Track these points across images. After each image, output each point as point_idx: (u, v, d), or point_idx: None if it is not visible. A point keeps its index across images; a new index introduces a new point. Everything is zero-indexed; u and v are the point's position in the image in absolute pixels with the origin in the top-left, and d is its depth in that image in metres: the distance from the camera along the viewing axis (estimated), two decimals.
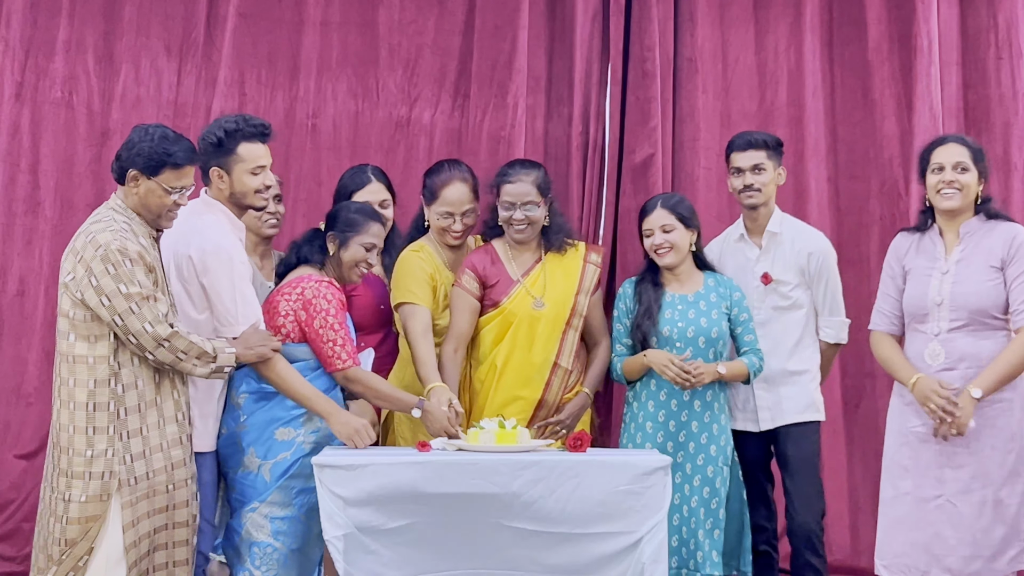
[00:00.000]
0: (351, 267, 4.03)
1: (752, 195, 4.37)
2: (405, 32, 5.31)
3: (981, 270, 3.92)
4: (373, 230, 4.04)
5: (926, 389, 3.86)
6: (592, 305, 4.36)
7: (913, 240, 4.10)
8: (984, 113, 5.21)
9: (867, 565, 4.77)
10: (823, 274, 4.38)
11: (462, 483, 3.63)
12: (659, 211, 4.28)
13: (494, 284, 4.29)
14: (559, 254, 4.35)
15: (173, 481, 3.64)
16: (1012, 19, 5.17)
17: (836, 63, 5.31)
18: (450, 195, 4.34)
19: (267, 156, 3.89)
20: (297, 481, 3.88)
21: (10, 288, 5.11)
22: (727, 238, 4.55)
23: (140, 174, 3.61)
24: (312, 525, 3.84)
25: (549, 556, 3.65)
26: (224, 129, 3.82)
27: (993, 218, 3.99)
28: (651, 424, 4.25)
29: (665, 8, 5.21)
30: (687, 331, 4.25)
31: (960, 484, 3.87)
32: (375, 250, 4.04)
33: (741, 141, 4.43)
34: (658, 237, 4.27)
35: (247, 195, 3.86)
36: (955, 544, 3.86)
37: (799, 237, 4.42)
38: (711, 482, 4.19)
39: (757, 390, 4.34)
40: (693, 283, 4.34)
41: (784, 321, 4.36)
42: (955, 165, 3.95)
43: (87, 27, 5.19)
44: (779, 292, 4.36)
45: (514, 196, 4.26)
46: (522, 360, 4.26)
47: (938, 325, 3.94)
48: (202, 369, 3.63)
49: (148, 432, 3.59)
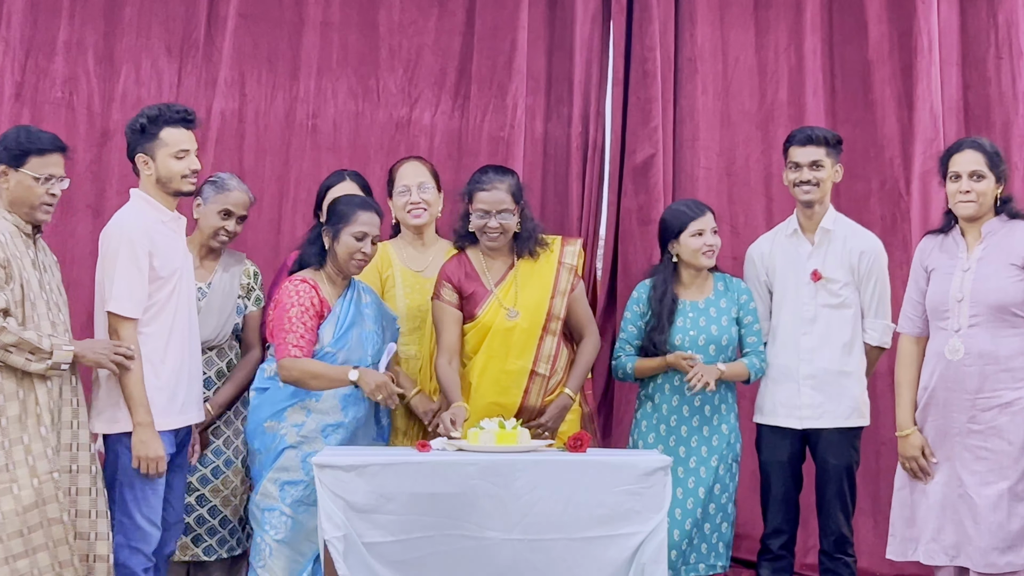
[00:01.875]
0: (347, 259, 4.04)
1: (809, 191, 4.36)
2: (405, 33, 5.30)
3: (1002, 268, 3.96)
4: (362, 219, 4.04)
5: (910, 449, 4.07)
6: (573, 301, 4.29)
7: (937, 241, 4.14)
8: (984, 113, 5.21)
9: (866, 565, 4.78)
10: (873, 274, 4.38)
11: (462, 483, 3.63)
12: (709, 214, 4.34)
13: (469, 295, 4.25)
14: (532, 260, 4.29)
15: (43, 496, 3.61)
16: (1012, 19, 5.16)
17: (836, 63, 5.31)
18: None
19: (190, 142, 3.94)
20: (282, 474, 3.95)
21: None
22: (778, 233, 4.54)
23: (8, 167, 3.72)
24: (302, 520, 3.91)
25: (549, 555, 3.65)
26: (147, 116, 3.91)
27: (1015, 218, 4.03)
28: (664, 426, 4.30)
29: (666, 8, 5.21)
30: (699, 339, 4.29)
31: (978, 477, 3.92)
32: (368, 239, 4.04)
33: (801, 136, 4.42)
34: (710, 238, 4.31)
35: (173, 179, 3.91)
36: (973, 535, 3.90)
37: (852, 236, 4.42)
38: (722, 479, 4.28)
39: (803, 387, 4.33)
40: (705, 288, 4.38)
41: (832, 320, 4.35)
42: (971, 174, 4.00)
43: (87, 27, 5.18)
44: (828, 290, 4.35)
45: (489, 204, 4.18)
46: (498, 369, 4.22)
47: (958, 321, 3.97)
48: (36, 365, 3.63)
49: (11, 447, 3.60)
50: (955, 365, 3.95)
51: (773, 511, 4.41)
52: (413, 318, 4.37)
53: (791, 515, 4.43)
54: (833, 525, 4.36)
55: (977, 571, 3.90)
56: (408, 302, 4.38)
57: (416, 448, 3.84)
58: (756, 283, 4.49)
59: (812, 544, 4.80)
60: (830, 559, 4.38)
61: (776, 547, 4.40)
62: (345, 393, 4.01)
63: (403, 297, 4.38)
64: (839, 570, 4.36)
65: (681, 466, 4.21)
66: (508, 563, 3.65)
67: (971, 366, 3.92)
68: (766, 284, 4.48)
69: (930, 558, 4.03)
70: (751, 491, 4.63)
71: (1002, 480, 3.88)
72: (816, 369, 4.32)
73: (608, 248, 5.16)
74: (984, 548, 3.88)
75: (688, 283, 4.37)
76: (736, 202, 5.26)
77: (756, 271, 4.50)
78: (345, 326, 4.04)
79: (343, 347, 4.02)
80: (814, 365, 4.32)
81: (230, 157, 5.18)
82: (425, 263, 4.44)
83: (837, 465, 4.35)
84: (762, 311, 4.45)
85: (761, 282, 4.49)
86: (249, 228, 4.69)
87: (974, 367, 3.92)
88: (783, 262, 4.44)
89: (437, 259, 4.41)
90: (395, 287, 4.39)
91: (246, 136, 5.22)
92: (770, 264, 4.46)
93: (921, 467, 4.03)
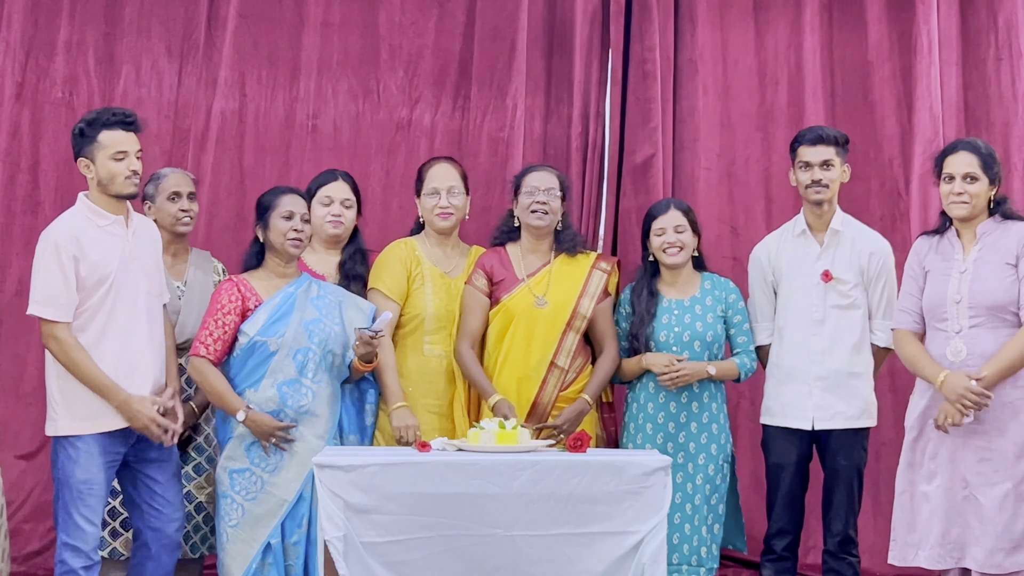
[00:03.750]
0: (282, 242, 4.11)
1: (820, 191, 4.36)
2: (406, 33, 5.31)
3: (997, 268, 3.96)
4: (285, 200, 4.15)
5: (958, 387, 3.87)
6: (599, 311, 4.38)
7: (932, 242, 4.14)
8: (984, 113, 5.21)
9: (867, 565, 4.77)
10: (882, 275, 4.38)
11: (462, 483, 3.63)
12: (673, 211, 4.36)
13: (500, 281, 4.35)
14: (569, 257, 4.40)
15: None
16: (1012, 19, 5.17)
17: (836, 63, 5.31)
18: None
19: (130, 143, 3.94)
20: (229, 462, 4.08)
21: (9, 288, 5.11)
22: (784, 233, 4.52)
23: None
24: (249, 507, 3.99)
25: (548, 555, 3.65)
26: (86, 120, 3.95)
27: (1009, 218, 4.03)
28: (651, 425, 4.30)
29: (665, 9, 5.21)
30: (683, 335, 4.29)
31: (982, 478, 3.91)
32: (296, 217, 4.13)
33: (811, 136, 4.41)
34: (670, 236, 4.32)
35: (112, 181, 3.92)
36: (979, 535, 3.89)
37: (860, 237, 4.42)
38: (712, 480, 4.27)
39: (814, 389, 4.32)
40: (690, 287, 4.38)
41: (842, 320, 4.34)
42: (964, 176, 4.00)
43: (88, 28, 5.19)
44: (838, 291, 4.35)
45: (539, 182, 4.36)
46: (519, 358, 4.30)
47: (958, 323, 3.97)
48: None
49: None
50: (958, 366, 3.95)
51: (779, 512, 4.41)
52: (440, 318, 4.39)
53: (797, 516, 4.43)
54: (839, 525, 4.36)
55: (982, 572, 3.88)
56: (436, 302, 4.39)
57: (416, 448, 3.84)
58: (762, 283, 4.48)
59: (812, 544, 4.80)
60: (834, 559, 4.37)
61: (780, 548, 4.39)
62: (280, 382, 4.05)
63: (432, 297, 4.40)
64: (843, 570, 4.35)
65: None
66: (508, 563, 3.65)
67: (974, 367, 3.92)
68: (772, 284, 4.48)
69: (934, 563, 4.01)
70: (753, 492, 4.63)
71: (1006, 480, 3.87)
72: (826, 370, 4.32)
73: (607, 248, 5.16)
74: (990, 549, 3.86)
75: (671, 281, 4.39)
76: (736, 202, 5.26)
77: (762, 271, 4.49)
78: (277, 316, 4.08)
79: (274, 336, 4.06)
80: (824, 366, 4.32)
81: (230, 157, 5.19)
82: (452, 264, 4.48)
83: (848, 466, 4.34)
84: (767, 311, 4.45)
85: (767, 282, 4.48)
86: (250, 228, 4.68)
87: (976, 367, 3.91)
88: (790, 263, 4.43)
89: (461, 262, 4.50)
90: (424, 286, 4.40)
91: (246, 136, 5.23)
92: (776, 264, 4.45)
93: (978, 399, 3.83)
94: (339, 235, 4.46)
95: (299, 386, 4.05)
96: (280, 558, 3.99)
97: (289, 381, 4.04)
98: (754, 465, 4.64)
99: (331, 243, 4.48)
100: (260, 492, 4.01)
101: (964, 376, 3.87)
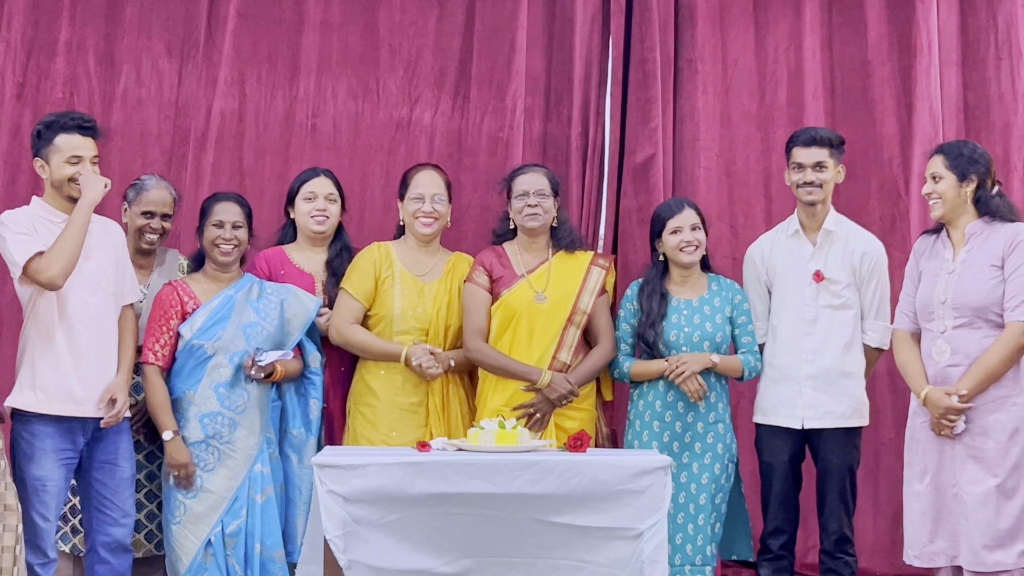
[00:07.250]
0: (211, 249, 4.25)
1: (812, 192, 4.38)
2: (405, 33, 5.31)
3: (983, 269, 3.97)
4: (217, 208, 4.27)
5: (940, 404, 3.94)
6: (597, 307, 4.41)
7: (929, 243, 4.18)
8: (984, 113, 5.21)
9: (866, 564, 4.78)
10: (874, 276, 4.40)
11: (461, 483, 3.64)
12: (688, 211, 4.39)
13: (499, 278, 4.39)
14: (568, 253, 4.44)
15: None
16: (1012, 19, 5.17)
17: (836, 63, 5.31)
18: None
19: (86, 148, 3.98)
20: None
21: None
22: (778, 233, 4.55)
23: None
24: (190, 504, 4.08)
25: (548, 555, 3.66)
26: (44, 122, 4.02)
27: (999, 218, 4.03)
28: (658, 423, 4.31)
29: (665, 9, 5.21)
30: (693, 336, 4.30)
31: (968, 476, 3.93)
32: (226, 226, 4.23)
33: (805, 137, 4.44)
34: (687, 234, 4.34)
35: (64, 183, 3.97)
36: (967, 535, 3.91)
37: (853, 237, 4.44)
38: (717, 479, 4.28)
39: (805, 388, 4.34)
40: (698, 287, 4.39)
41: (834, 320, 4.35)
42: (932, 175, 4.08)
43: (88, 28, 5.19)
44: (830, 291, 4.37)
45: (528, 184, 4.41)
46: (521, 354, 4.32)
47: (943, 323, 4.00)
48: None
49: None
50: (942, 366, 3.97)
51: (774, 511, 4.42)
52: (405, 319, 4.40)
53: (791, 515, 4.44)
54: (834, 525, 4.37)
55: (969, 569, 3.91)
56: (403, 303, 4.41)
57: (416, 448, 3.85)
58: (756, 283, 4.50)
59: (812, 544, 4.80)
60: (831, 558, 4.38)
61: (776, 547, 4.41)
62: (218, 383, 4.12)
63: (399, 298, 4.41)
64: (840, 570, 4.36)
65: (675, 462, 4.21)
66: (508, 562, 3.66)
67: (958, 366, 3.94)
68: (766, 284, 4.49)
69: (927, 561, 4.03)
70: (750, 491, 4.64)
71: (990, 478, 3.89)
72: (818, 369, 4.33)
73: (608, 248, 5.16)
74: (974, 546, 3.88)
75: (680, 281, 4.39)
76: (736, 202, 5.26)
77: (756, 271, 4.51)
78: (215, 319, 4.17)
79: (211, 339, 4.15)
80: (816, 365, 4.33)
81: (230, 157, 5.19)
82: (427, 269, 4.48)
83: (839, 465, 4.35)
84: (761, 310, 4.46)
85: (761, 282, 4.49)
86: (250, 228, 4.69)
87: (961, 367, 3.94)
88: (784, 262, 4.45)
89: (439, 267, 4.50)
90: (393, 287, 4.41)
91: (246, 136, 5.23)
92: (770, 264, 4.47)
93: (960, 414, 3.93)
94: (324, 231, 4.48)
95: (236, 388, 4.14)
96: (221, 549, 4.07)
97: (226, 383, 4.14)
98: (754, 465, 4.63)
99: (317, 240, 4.50)
100: (200, 491, 4.10)
101: (944, 394, 3.93)
